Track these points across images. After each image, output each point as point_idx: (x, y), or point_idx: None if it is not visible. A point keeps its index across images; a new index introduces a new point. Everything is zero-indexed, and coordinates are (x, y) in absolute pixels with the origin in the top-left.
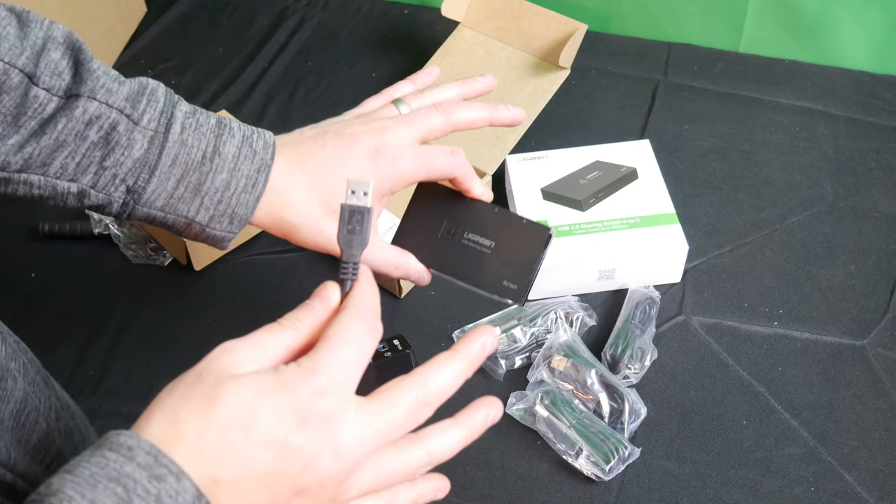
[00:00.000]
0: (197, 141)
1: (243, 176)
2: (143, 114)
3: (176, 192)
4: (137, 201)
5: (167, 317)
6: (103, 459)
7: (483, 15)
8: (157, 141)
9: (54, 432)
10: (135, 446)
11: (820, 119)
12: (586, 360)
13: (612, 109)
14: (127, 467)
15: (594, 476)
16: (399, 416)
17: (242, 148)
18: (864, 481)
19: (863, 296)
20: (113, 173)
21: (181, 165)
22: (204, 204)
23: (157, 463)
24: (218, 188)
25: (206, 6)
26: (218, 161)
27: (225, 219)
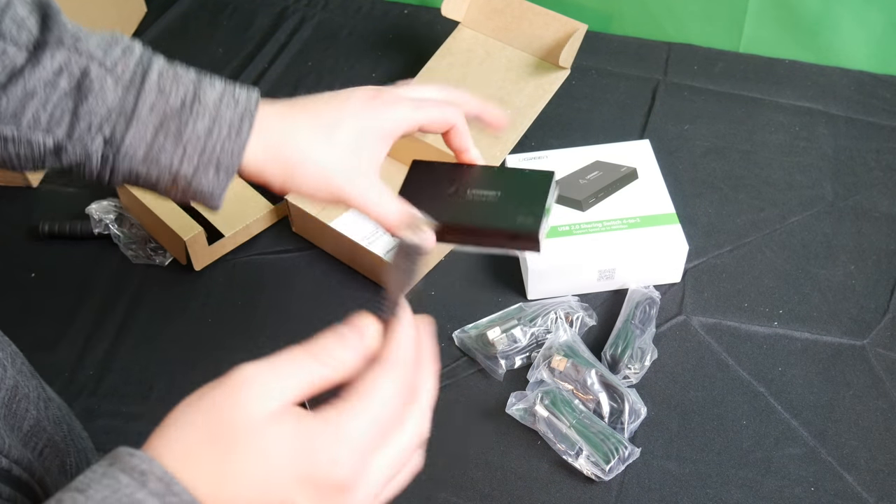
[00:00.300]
0: (175, 88)
1: (226, 123)
2: (116, 62)
3: (156, 141)
4: (117, 154)
5: (167, 317)
6: (115, 482)
7: (483, 15)
8: (134, 88)
9: (44, 420)
10: (147, 471)
11: (820, 119)
12: (586, 360)
13: (612, 109)
14: (139, 493)
15: (594, 476)
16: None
17: (224, 96)
18: (864, 481)
19: (863, 296)
20: (88, 122)
21: (159, 113)
22: (187, 153)
23: (169, 491)
24: (200, 135)
25: (206, 6)
26: (198, 107)
27: (210, 168)
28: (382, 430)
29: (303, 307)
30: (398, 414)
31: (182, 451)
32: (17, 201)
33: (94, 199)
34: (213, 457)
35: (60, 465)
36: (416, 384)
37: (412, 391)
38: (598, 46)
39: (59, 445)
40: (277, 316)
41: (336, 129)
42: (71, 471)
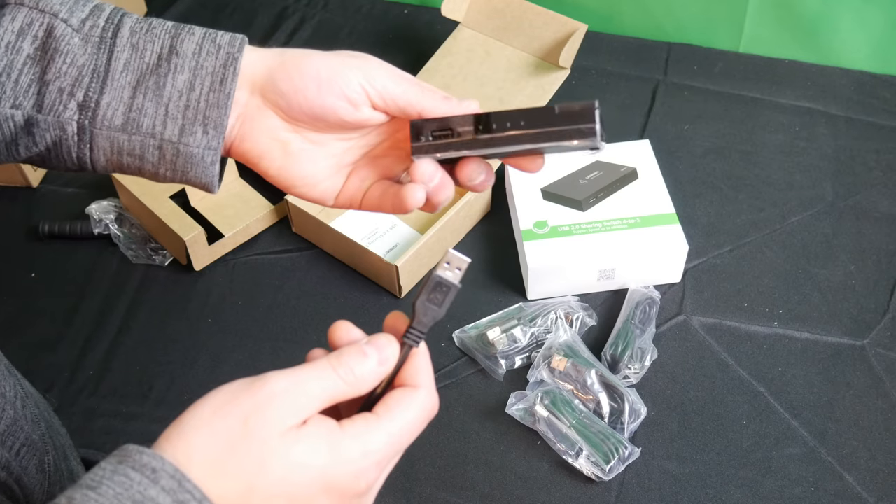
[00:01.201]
0: (150, 43)
1: (208, 74)
2: (84, 21)
3: (134, 102)
4: (94, 122)
5: (167, 317)
6: (127, 480)
7: (483, 15)
8: (105, 47)
9: (21, 419)
10: (158, 468)
11: (820, 119)
12: (586, 360)
13: (612, 109)
14: (151, 490)
15: (594, 476)
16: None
17: (204, 44)
18: (864, 481)
19: (863, 296)
20: (58, 87)
21: (134, 71)
22: (170, 113)
23: (180, 488)
24: (181, 91)
25: (206, 6)
26: (176, 60)
27: (198, 127)
28: (400, 448)
29: (302, 307)
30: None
31: (205, 460)
32: (17, 201)
33: (94, 199)
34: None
35: (38, 464)
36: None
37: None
38: (598, 46)
39: (37, 444)
40: (277, 316)
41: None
42: (49, 469)
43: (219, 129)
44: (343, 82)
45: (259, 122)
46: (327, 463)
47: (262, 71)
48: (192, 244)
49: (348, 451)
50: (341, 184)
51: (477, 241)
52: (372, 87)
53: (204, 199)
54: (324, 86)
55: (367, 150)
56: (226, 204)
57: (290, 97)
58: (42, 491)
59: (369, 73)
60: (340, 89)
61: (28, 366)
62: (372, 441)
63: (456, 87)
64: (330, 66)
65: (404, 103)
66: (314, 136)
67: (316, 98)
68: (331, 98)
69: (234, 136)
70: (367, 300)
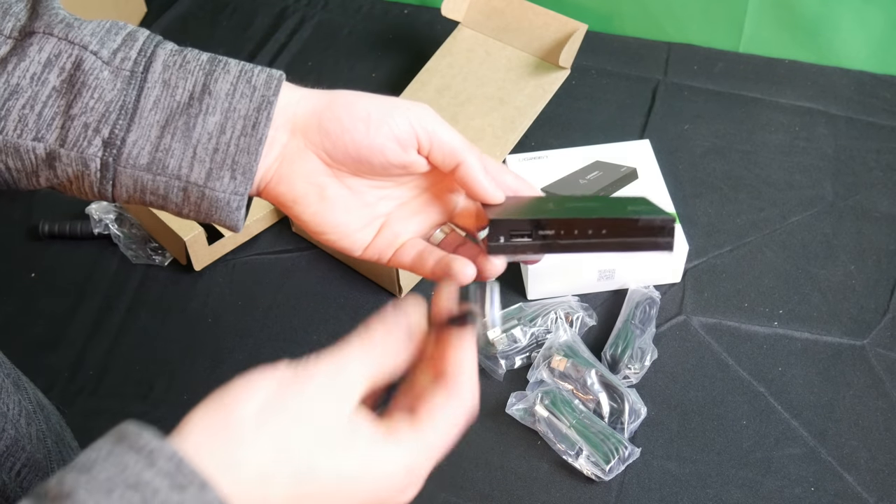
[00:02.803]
0: (182, 80)
1: (240, 117)
2: (115, 53)
3: (161, 142)
4: (118, 159)
5: (167, 317)
6: (122, 461)
7: (483, 15)
8: (135, 82)
9: (24, 439)
10: (156, 450)
11: (820, 119)
12: (586, 360)
13: (612, 109)
14: (146, 474)
15: (594, 476)
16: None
17: (238, 84)
18: (865, 481)
19: (863, 296)
20: (83, 123)
21: (164, 109)
22: (197, 156)
23: (179, 471)
24: (212, 133)
25: (206, 6)
26: (208, 101)
27: (226, 172)
28: (440, 454)
29: (302, 307)
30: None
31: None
32: (17, 201)
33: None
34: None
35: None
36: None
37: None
38: (598, 46)
39: (41, 463)
40: (277, 316)
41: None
42: None
43: (247, 176)
44: (393, 123)
45: (298, 165)
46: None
47: (307, 111)
48: (192, 244)
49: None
50: (372, 236)
51: None
52: (422, 129)
53: None
54: (373, 126)
55: (401, 202)
56: None
57: (336, 138)
58: None
59: (420, 115)
60: (390, 129)
61: (28, 366)
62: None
63: (456, 87)
64: (380, 107)
65: (449, 150)
66: (352, 181)
67: (364, 139)
68: (380, 139)
69: (269, 178)
70: (367, 300)
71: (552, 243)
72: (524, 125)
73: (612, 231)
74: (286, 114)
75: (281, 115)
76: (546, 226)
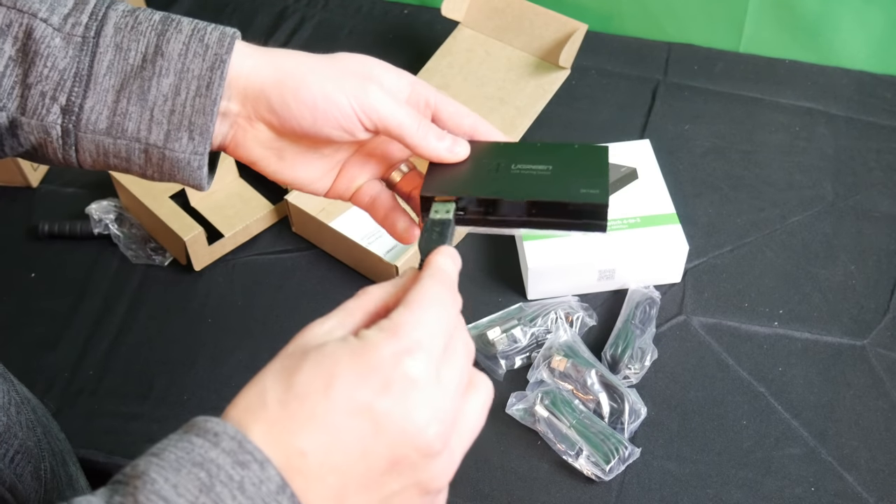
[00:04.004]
0: (135, 42)
1: (194, 77)
2: (66, 18)
3: (118, 106)
4: (77, 126)
5: (167, 317)
6: (189, 444)
7: (483, 15)
8: (88, 48)
9: (15, 426)
10: (220, 432)
11: (820, 119)
12: (586, 360)
13: (612, 109)
14: (211, 452)
15: (594, 476)
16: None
17: (191, 43)
18: (865, 481)
19: (863, 296)
20: (40, 91)
21: (118, 73)
22: (155, 118)
23: (241, 449)
24: (167, 95)
25: (206, 6)
26: (161, 63)
27: (183, 133)
28: (445, 329)
29: (303, 307)
30: (451, 322)
31: (254, 395)
32: (17, 201)
33: (93, 199)
34: (278, 384)
35: (34, 471)
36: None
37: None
38: (598, 46)
39: (32, 451)
40: (277, 316)
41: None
42: (45, 476)
43: (204, 136)
44: (338, 111)
45: (250, 133)
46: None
47: (256, 88)
48: (192, 244)
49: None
50: (332, 181)
51: (477, 240)
52: (366, 117)
53: (204, 199)
54: (319, 115)
55: (356, 149)
56: (226, 204)
57: (284, 120)
58: (38, 499)
59: (364, 104)
60: (335, 119)
61: (28, 366)
62: (396, 323)
63: (456, 87)
64: (325, 91)
65: (396, 134)
66: (306, 141)
67: (311, 126)
68: (326, 128)
69: (227, 143)
70: None
71: (480, 219)
72: (524, 125)
73: (543, 212)
74: (237, 83)
75: (233, 86)
76: (477, 204)
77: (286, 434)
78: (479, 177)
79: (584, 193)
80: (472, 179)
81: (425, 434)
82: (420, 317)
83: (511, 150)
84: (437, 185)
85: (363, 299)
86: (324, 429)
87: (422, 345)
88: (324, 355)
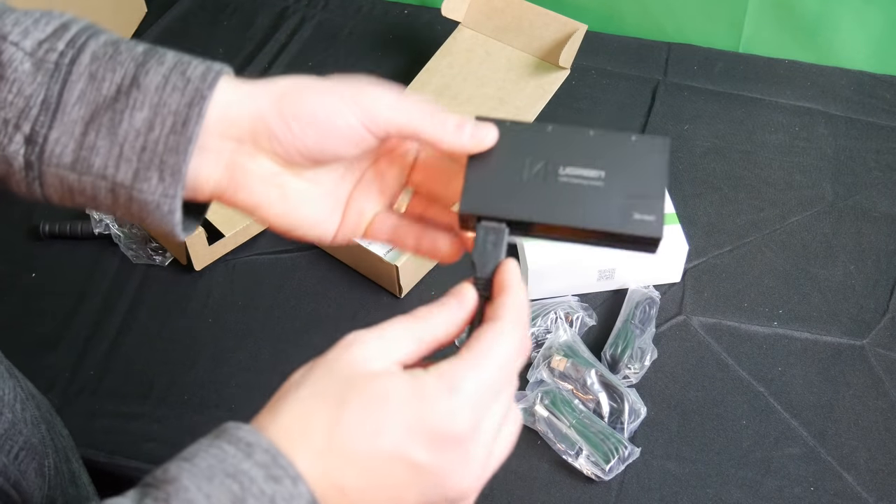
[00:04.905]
0: (110, 73)
1: (170, 112)
2: (40, 43)
3: (86, 139)
4: (41, 158)
5: (167, 317)
6: (221, 452)
7: (483, 15)
8: (59, 75)
9: (21, 422)
10: (254, 443)
11: (820, 119)
12: (586, 360)
13: (612, 109)
14: (244, 464)
15: (594, 476)
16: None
17: (171, 76)
18: (864, 481)
19: (863, 296)
20: (3, 118)
21: (89, 104)
22: (124, 154)
23: (274, 463)
24: (139, 130)
25: (206, 6)
26: (136, 95)
27: (153, 172)
28: (496, 389)
29: (303, 307)
30: (511, 374)
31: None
32: (17, 201)
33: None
34: (325, 414)
35: (38, 468)
36: (526, 347)
37: (523, 354)
38: (598, 46)
39: (37, 447)
40: (277, 316)
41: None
42: (49, 472)
43: (176, 177)
44: (343, 124)
45: (252, 170)
46: (411, 398)
47: (253, 114)
48: (192, 244)
49: (436, 388)
50: (339, 220)
51: None
52: (372, 122)
53: None
54: (322, 132)
55: (357, 179)
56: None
57: (287, 144)
58: (42, 495)
59: (367, 108)
60: (340, 132)
61: (28, 366)
62: (457, 377)
63: (456, 87)
64: (326, 106)
65: (410, 132)
66: (309, 173)
67: (315, 145)
68: (331, 142)
69: (225, 188)
70: (367, 300)
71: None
72: None
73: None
74: (227, 119)
75: (221, 122)
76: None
77: (330, 469)
78: (523, 187)
79: (638, 221)
80: (516, 191)
81: (459, 486)
82: (481, 375)
83: (558, 139)
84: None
85: (417, 325)
86: (366, 472)
87: (477, 403)
88: (376, 396)
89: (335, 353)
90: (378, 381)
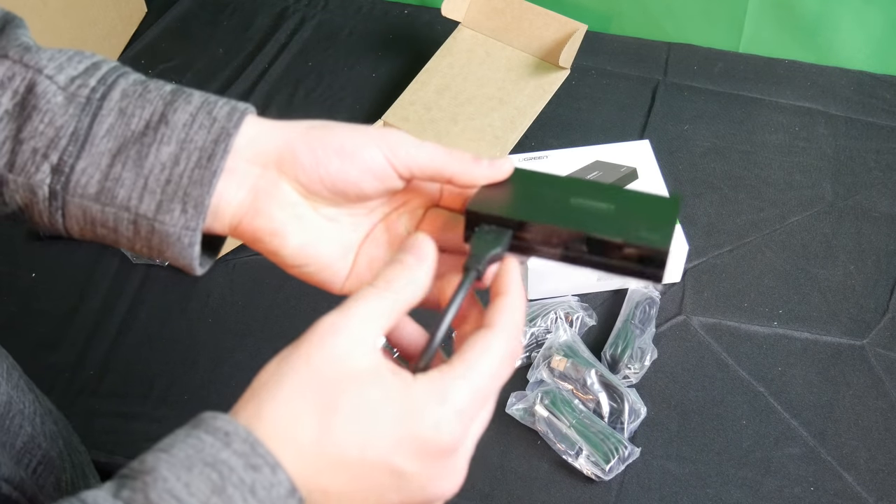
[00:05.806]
0: (140, 109)
1: (196, 148)
2: (73, 79)
3: (112, 171)
4: (66, 187)
5: (167, 317)
6: (199, 442)
7: (483, 15)
8: (90, 109)
9: (39, 436)
10: (231, 432)
11: (820, 119)
12: (586, 360)
13: (612, 109)
14: (223, 453)
15: (594, 476)
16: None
17: (198, 115)
18: (864, 481)
19: (862, 296)
20: (32, 147)
21: (117, 138)
22: (148, 187)
23: (253, 452)
24: (165, 164)
25: (206, 6)
26: (164, 130)
27: (176, 204)
28: (485, 396)
29: (303, 307)
30: (501, 380)
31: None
32: None
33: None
34: (313, 420)
35: (55, 482)
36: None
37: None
38: (598, 46)
39: (55, 462)
40: (277, 316)
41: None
42: (66, 487)
43: (199, 209)
44: (368, 156)
45: (275, 196)
46: (401, 409)
47: (280, 143)
48: None
49: (426, 398)
50: (350, 264)
51: None
52: (396, 158)
53: None
54: (347, 159)
55: (370, 228)
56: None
57: (312, 170)
58: None
59: (392, 145)
60: (364, 163)
61: (28, 366)
62: (447, 387)
63: (456, 88)
64: (353, 139)
65: (432, 171)
66: (328, 211)
67: (339, 172)
68: (354, 172)
69: (245, 212)
70: None
71: (526, 248)
72: (524, 125)
73: (594, 253)
74: (255, 146)
75: (250, 148)
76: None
77: (315, 472)
78: (532, 199)
79: (645, 237)
80: (526, 204)
81: (442, 491)
82: (472, 385)
83: (572, 182)
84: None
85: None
86: (353, 478)
87: (465, 413)
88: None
89: (311, 346)
90: (367, 387)
